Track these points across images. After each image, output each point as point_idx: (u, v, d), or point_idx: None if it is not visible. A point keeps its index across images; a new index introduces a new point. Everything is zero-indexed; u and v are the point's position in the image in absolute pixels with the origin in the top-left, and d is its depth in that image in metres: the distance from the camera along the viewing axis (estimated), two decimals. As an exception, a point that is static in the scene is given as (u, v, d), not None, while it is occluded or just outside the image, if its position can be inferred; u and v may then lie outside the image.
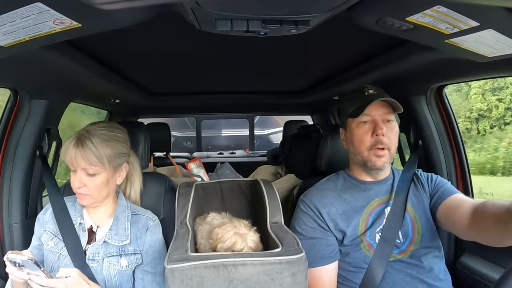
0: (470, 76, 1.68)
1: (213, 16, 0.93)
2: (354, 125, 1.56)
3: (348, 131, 1.61)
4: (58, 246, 1.47)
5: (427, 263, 1.49)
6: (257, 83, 2.64)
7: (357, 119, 1.54)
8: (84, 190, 1.42)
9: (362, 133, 1.53)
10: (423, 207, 1.57)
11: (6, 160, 1.73)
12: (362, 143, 1.53)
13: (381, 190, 1.60)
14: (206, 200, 1.83)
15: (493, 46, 1.03)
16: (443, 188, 1.57)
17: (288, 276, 1.22)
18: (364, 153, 1.53)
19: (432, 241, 1.54)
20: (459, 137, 1.93)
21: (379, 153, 1.51)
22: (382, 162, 1.52)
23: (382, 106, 1.52)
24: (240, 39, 1.04)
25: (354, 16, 1.00)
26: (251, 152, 4.66)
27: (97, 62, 1.69)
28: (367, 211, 1.56)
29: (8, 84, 1.62)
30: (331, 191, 1.63)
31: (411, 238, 1.52)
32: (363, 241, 1.52)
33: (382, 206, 1.57)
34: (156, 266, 1.52)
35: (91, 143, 1.39)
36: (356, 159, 1.58)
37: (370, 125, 1.52)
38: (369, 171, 1.58)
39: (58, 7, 0.79)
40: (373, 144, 1.51)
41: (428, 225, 1.54)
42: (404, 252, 1.51)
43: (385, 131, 1.50)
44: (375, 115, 1.52)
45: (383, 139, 1.49)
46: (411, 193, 1.59)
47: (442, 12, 0.86)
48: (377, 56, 1.70)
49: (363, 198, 1.59)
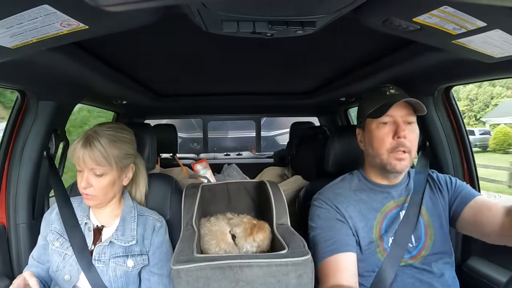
0: (477, 77, 1.66)
1: (219, 18, 0.93)
2: (374, 126, 1.49)
3: (366, 132, 1.54)
4: (63, 246, 1.48)
5: (438, 269, 1.46)
6: (264, 84, 2.64)
7: (378, 120, 1.47)
8: (91, 191, 1.43)
9: (383, 134, 1.46)
10: (438, 212, 1.52)
11: (14, 160, 1.75)
12: (382, 145, 1.46)
13: (397, 193, 1.55)
14: (213, 201, 1.83)
15: (500, 46, 1.02)
16: (464, 191, 1.53)
17: (294, 278, 1.21)
18: (383, 156, 1.46)
19: (444, 247, 1.50)
20: (466, 138, 1.92)
21: (400, 156, 1.44)
22: (402, 166, 1.45)
23: (404, 107, 1.46)
24: (246, 40, 1.04)
25: (360, 17, 1.00)
26: (257, 154, 4.65)
27: (104, 64, 1.69)
28: (381, 214, 1.51)
29: (15, 86, 1.63)
30: (347, 190, 1.58)
31: (424, 243, 1.48)
32: (379, 246, 1.47)
33: (397, 209, 1.52)
34: (163, 267, 1.52)
35: (99, 143, 1.40)
36: (374, 161, 1.52)
37: (391, 126, 1.46)
38: (387, 174, 1.52)
39: (65, 9, 0.80)
40: (394, 146, 1.44)
41: (442, 231, 1.50)
42: (415, 257, 1.47)
43: (406, 133, 1.43)
44: (396, 116, 1.45)
45: (404, 141, 1.43)
46: (427, 196, 1.54)
47: (449, 13, 0.86)
48: (384, 57, 1.69)
49: (379, 199, 1.53)
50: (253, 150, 4.96)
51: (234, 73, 2.22)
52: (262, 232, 1.58)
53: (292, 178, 2.53)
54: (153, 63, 1.86)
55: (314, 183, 1.84)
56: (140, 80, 2.27)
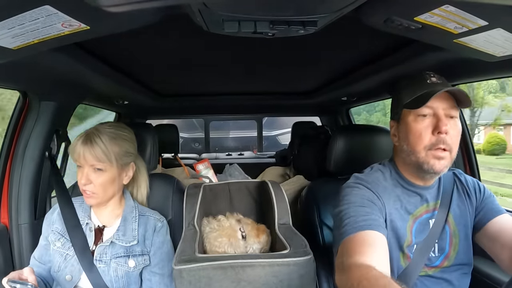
0: (479, 76, 1.66)
1: (220, 18, 0.93)
2: (411, 119, 1.30)
3: (402, 124, 1.35)
4: (65, 246, 1.48)
5: (456, 281, 1.35)
6: (265, 84, 2.64)
7: (417, 111, 1.28)
8: (91, 188, 1.44)
9: (422, 128, 1.27)
10: (465, 221, 1.37)
11: (16, 161, 1.75)
12: (420, 140, 1.27)
13: (430, 196, 1.38)
14: (214, 201, 1.84)
15: (502, 45, 1.02)
16: (491, 204, 1.38)
17: (296, 278, 1.22)
18: (421, 153, 1.27)
19: (466, 258, 1.37)
20: (468, 137, 1.91)
21: (439, 154, 1.25)
22: (441, 166, 1.26)
23: (446, 99, 1.27)
24: (248, 40, 1.04)
25: (362, 16, 0.99)
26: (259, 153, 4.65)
27: (105, 64, 1.69)
28: (412, 217, 1.35)
29: (17, 86, 1.64)
30: (383, 181, 1.38)
31: (447, 254, 1.35)
32: (404, 252, 1.32)
33: (428, 215, 1.36)
34: (164, 267, 1.52)
35: (100, 140, 1.42)
36: (409, 159, 1.32)
37: (431, 120, 1.27)
38: (423, 174, 1.33)
39: (67, 10, 0.80)
40: (433, 143, 1.25)
41: (466, 242, 1.36)
42: (436, 268, 1.34)
43: (448, 128, 1.24)
44: (438, 108, 1.27)
45: (445, 138, 1.24)
46: (454, 203, 1.38)
47: (451, 12, 0.86)
48: (385, 56, 1.69)
49: (412, 200, 1.36)
50: (255, 150, 4.96)
51: (235, 73, 2.22)
52: (266, 234, 1.59)
53: (294, 178, 2.53)
54: (155, 63, 1.87)
55: (316, 183, 1.84)
56: (142, 80, 2.27)
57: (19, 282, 1.21)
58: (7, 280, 1.22)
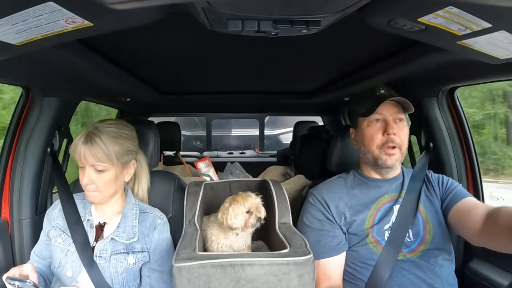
0: (481, 78, 1.66)
1: (224, 16, 0.93)
2: (365, 124, 1.57)
3: (359, 130, 1.62)
4: (66, 242, 1.48)
5: (437, 265, 1.48)
6: (268, 83, 2.64)
7: (369, 118, 1.55)
8: (93, 188, 1.44)
9: (374, 131, 1.54)
10: (435, 209, 1.56)
11: (17, 156, 1.75)
12: (373, 141, 1.54)
13: (391, 188, 1.61)
14: (215, 199, 1.83)
15: (506, 47, 1.02)
16: (454, 191, 1.57)
17: (295, 277, 1.21)
18: (375, 152, 1.54)
19: (443, 244, 1.53)
20: (470, 140, 1.91)
21: (390, 151, 1.52)
22: (393, 161, 1.53)
23: (393, 106, 1.54)
24: (251, 39, 1.04)
25: (365, 16, 0.99)
26: (260, 152, 4.65)
27: (108, 61, 1.70)
28: (375, 206, 1.57)
29: (20, 82, 1.64)
30: (341, 186, 1.65)
31: (422, 237, 1.52)
32: (369, 236, 1.52)
33: (391, 203, 1.57)
34: (163, 264, 1.52)
35: (100, 140, 1.41)
36: (366, 158, 1.60)
37: (381, 124, 1.54)
38: (379, 169, 1.59)
39: (70, 6, 0.80)
40: (384, 142, 1.52)
41: (440, 228, 1.53)
42: (414, 251, 1.50)
43: (396, 130, 1.51)
44: (386, 114, 1.53)
45: (394, 138, 1.51)
46: (423, 194, 1.59)
47: (455, 13, 0.85)
48: (388, 57, 1.69)
49: (372, 194, 1.60)
50: (256, 148, 4.96)
51: (238, 72, 2.22)
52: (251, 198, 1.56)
53: (295, 177, 2.53)
54: (157, 60, 1.87)
55: (317, 182, 1.83)
56: (144, 77, 2.27)
57: (18, 279, 1.21)
58: (6, 277, 1.22)
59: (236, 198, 1.53)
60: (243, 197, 1.52)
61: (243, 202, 1.50)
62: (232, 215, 1.50)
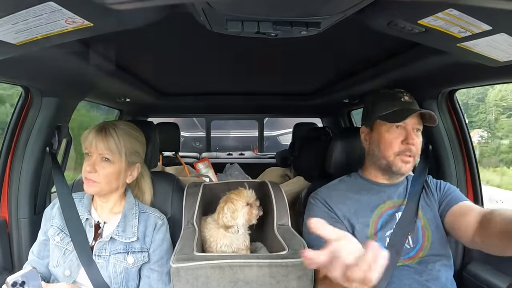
0: (481, 81, 1.66)
1: (224, 17, 0.93)
2: (384, 129, 1.54)
3: (375, 132, 1.59)
4: (64, 241, 1.48)
5: (436, 270, 1.48)
6: (268, 84, 2.64)
7: (391, 124, 1.52)
8: (94, 177, 1.44)
9: (393, 138, 1.52)
10: (434, 214, 1.55)
11: (16, 156, 1.76)
12: (390, 148, 1.52)
13: (395, 193, 1.59)
14: (214, 200, 1.83)
15: (505, 50, 1.02)
16: (451, 195, 1.56)
17: (293, 279, 1.21)
18: (390, 158, 1.52)
19: (442, 249, 1.52)
20: (470, 143, 1.91)
21: (406, 159, 1.51)
22: (407, 169, 1.52)
23: (416, 116, 1.52)
24: (251, 40, 1.04)
25: (365, 18, 0.99)
26: (259, 154, 4.66)
27: (108, 61, 1.70)
28: (377, 212, 1.55)
29: (20, 82, 1.64)
30: (343, 191, 1.62)
31: (421, 245, 1.51)
32: None
33: (393, 210, 1.55)
34: (163, 265, 1.52)
35: (115, 132, 1.45)
36: (379, 162, 1.57)
37: (401, 131, 1.51)
38: (390, 174, 1.57)
39: (70, 7, 0.80)
40: (402, 150, 1.50)
41: (438, 233, 1.53)
42: (412, 258, 1.49)
43: (414, 140, 1.51)
44: (408, 123, 1.51)
45: (412, 147, 1.50)
46: (423, 200, 1.58)
47: (455, 16, 0.85)
48: (388, 59, 1.69)
49: (375, 199, 1.57)
50: (255, 150, 4.96)
51: (238, 73, 2.22)
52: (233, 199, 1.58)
53: (294, 179, 2.53)
54: (157, 61, 1.87)
55: (316, 184, 1.83)
56: (144, 78, 2.27)
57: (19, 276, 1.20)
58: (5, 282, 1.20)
59: (231, 196, 1.54)
60: (237, 194, 1.54)
61: (240, 197, 1.52)
62: (228, 214, 1.51)
